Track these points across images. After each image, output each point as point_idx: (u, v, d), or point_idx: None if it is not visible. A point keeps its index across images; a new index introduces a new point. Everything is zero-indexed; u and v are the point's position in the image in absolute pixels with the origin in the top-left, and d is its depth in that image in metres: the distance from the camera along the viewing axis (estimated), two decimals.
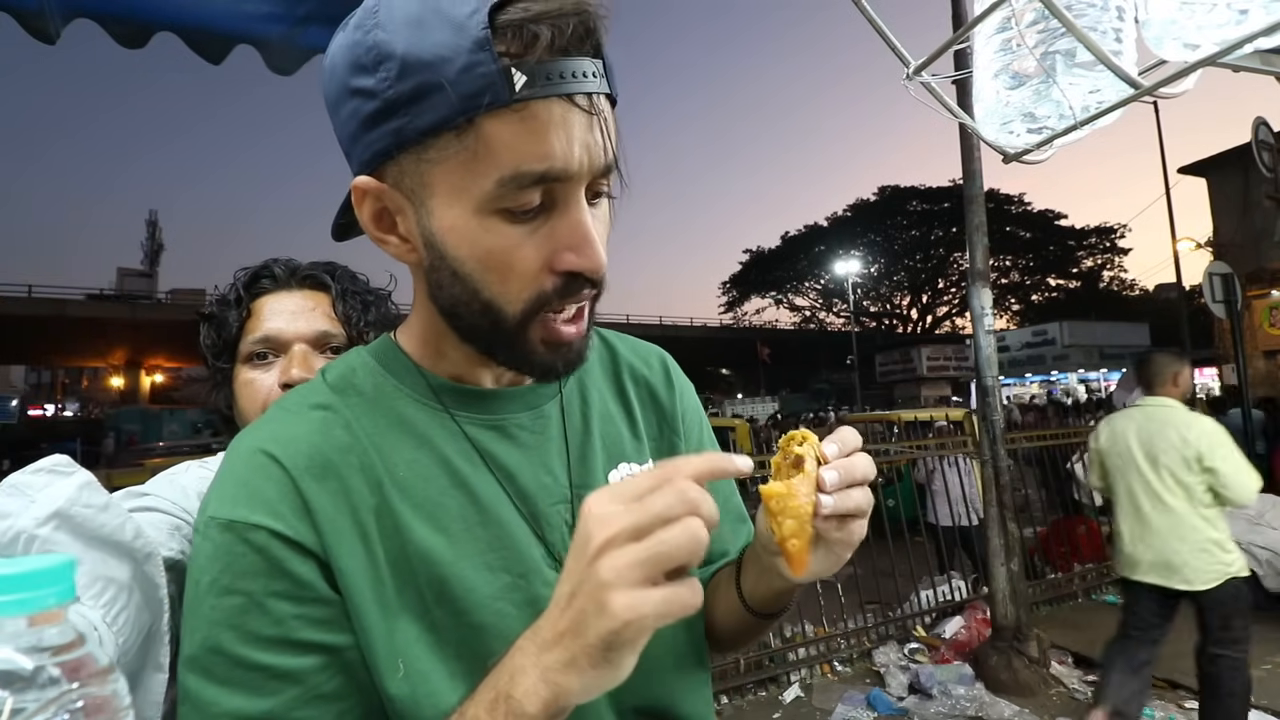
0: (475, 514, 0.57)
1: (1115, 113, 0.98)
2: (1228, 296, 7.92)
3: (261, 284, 0.96)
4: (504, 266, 0.51)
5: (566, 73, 0.47)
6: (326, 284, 0.98)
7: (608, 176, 0.53)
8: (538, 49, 0.46)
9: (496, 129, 0.47)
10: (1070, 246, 38.96)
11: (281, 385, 0.90)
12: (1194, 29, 0.85)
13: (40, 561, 0.34)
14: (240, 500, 0.51)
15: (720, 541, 0.74)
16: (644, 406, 0.72)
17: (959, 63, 1.71)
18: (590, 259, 0.52)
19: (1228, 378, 13.41)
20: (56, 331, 27.37)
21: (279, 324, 0.93)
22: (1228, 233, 14.71)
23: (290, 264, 0.99)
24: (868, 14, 1.11)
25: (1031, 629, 3.95)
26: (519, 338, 0.54)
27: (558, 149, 0.48)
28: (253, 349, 0.93)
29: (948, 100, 1.22)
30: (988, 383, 3.96)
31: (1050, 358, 27.19)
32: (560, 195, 0.51)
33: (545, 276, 0.52)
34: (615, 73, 0.53)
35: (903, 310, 44.18)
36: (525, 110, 0.47)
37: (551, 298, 0.53)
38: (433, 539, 0.54)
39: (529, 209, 0.50)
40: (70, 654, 0.34)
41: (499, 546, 0.56)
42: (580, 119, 0.49)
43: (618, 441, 0.67)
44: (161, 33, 1.56)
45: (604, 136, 0.50)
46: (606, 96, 0.51)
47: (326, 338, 0.95)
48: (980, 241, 3.93)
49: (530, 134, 0.47)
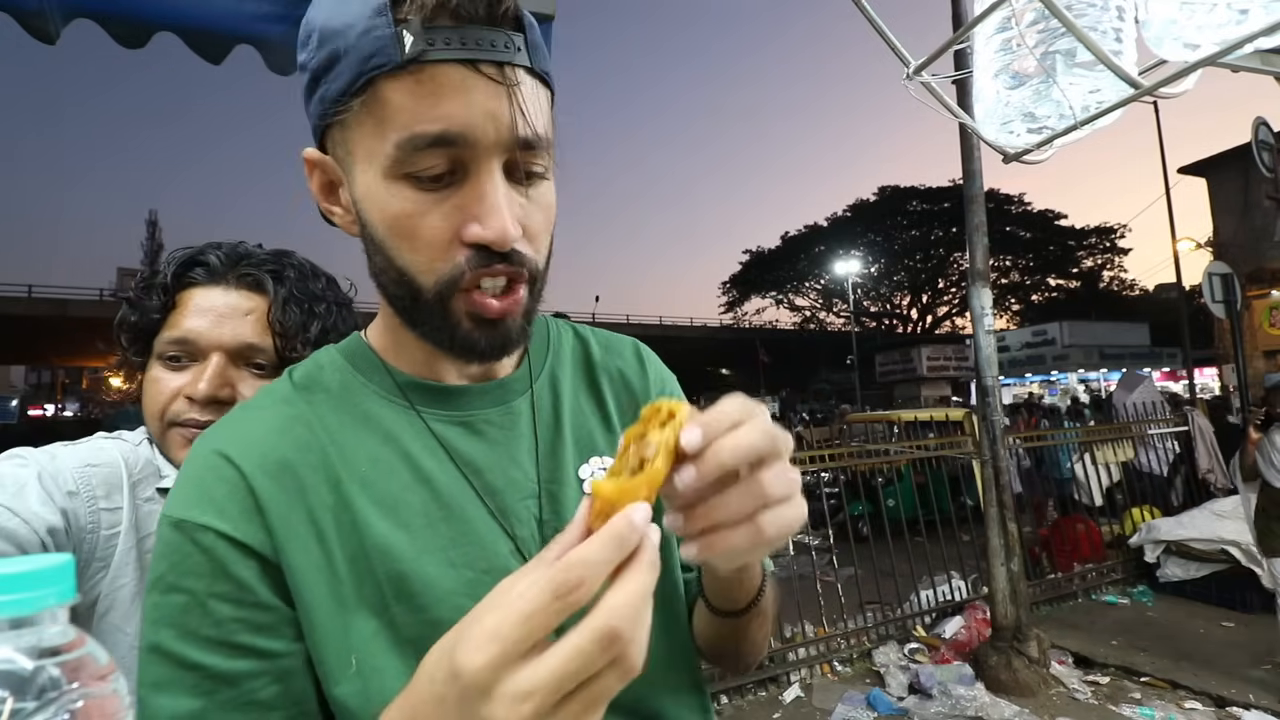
0: (438, 509, 0.56)
1: (1115, 113, 0.98)
2: (1228, 296, 7.92)
3: (194, 273, 0.83)
4: (411, 233, 0.51)
5: (470, 40, 0.47)
6: (267, 288, 0.85)
7: (535, 154, 0.52)
8: (435, 14, 0.47)
9: (392, 91, 0.48)
10: (1070, 246, 38.92)
11: (185, 397, 0.80)
12: (1194, 29, 0.85)
13: (40, 561, 0.34)
14: (191, 500, 0.51)
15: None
16: (618, 397, 0.70)
17: (959, 63, 1.71)
18: (493, 229, 0.50)
19: (1228, 378, 13.41)
20: (56, 331, 27.36)
21: (200, 325, 0.81)
22: (1228, 233, 14.71)
23: (234, 252, 0.86)
24: (868, 14, 1.11)
25: (1031, 629, 3.95)
26: (440, 311, 0.53)
27: (456, 112, 0.48)
28: (166, 348, 0.82)
29: (948, 100, 1.22)
30: (988, 383, 3.96)
31: (1050, 358, 27.17)
32: (469, 164, 0.50)
33: (456, 249, 0.51)
34: (546, 49, 0.53)
35: (903, 310, 44.16)
36: (422, 73, 0.47)
37: (465, 271, 0.51)
38: (393, 535, 0.54)
39: (435, 175, 0.50)
40: (70, 654, 0.34)
41: (463, 542, 0.56)
42: (486, 86, 0.48)
43: (589, 435, 0.66)
44: (161, 33, 1.56)
45: (519, 109, 0.49)
46: (529, 71, 0.51)
47: (251, 351, 0.83)
48: (980, 241, 3.93)
49: (426, 96, 0.48)
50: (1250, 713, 3.44)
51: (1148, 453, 6.50)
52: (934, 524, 5.01)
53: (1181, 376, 18.72)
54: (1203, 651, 4.20)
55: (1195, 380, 12.79)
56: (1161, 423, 6.68)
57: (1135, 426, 6.48)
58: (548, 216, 0.56)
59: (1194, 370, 12.93)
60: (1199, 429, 6.64)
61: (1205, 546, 5.01)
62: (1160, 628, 4.66)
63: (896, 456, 5.90)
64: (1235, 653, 4.15)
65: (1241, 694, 3.61)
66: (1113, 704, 3.66)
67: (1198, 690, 3.71)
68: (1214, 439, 6.77)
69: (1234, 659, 4.06)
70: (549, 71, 0.54)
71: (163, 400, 0.81)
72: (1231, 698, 3.58)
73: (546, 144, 0.53)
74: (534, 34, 0.52)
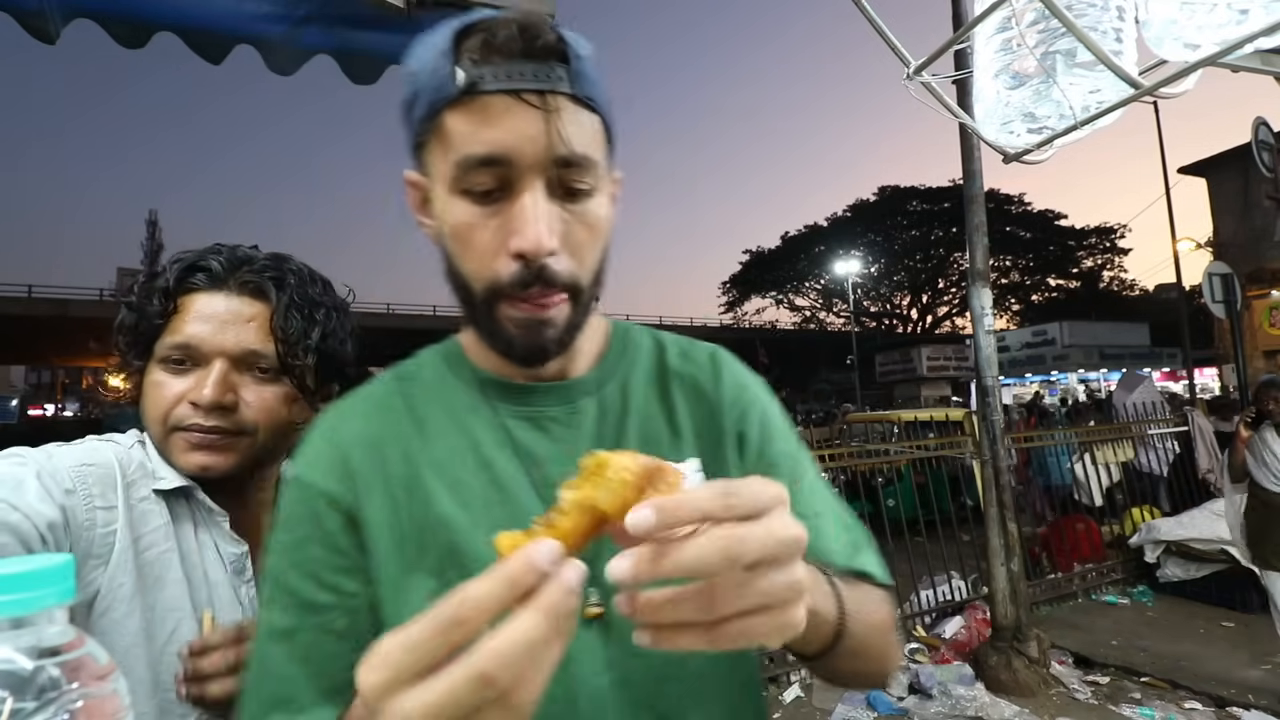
0: (495, 494, 0.63)
1: (1115, 113, 0.98)
2: (1228, 296, 7.92)
3: (195, 278, 0.83)
4: (466, 242, 0.59)
5: (514, 73, 0.55)
6: (269, 294, 0.85)
7: (575, 171, 0.57)
8: (485, 52, 0.55)
9: (451, 119, 0.57)
10: (1070, 246, 38.89)
11: (190, 402, 0.80)
12: (1194, 29, 0.85)
13: (40, 561, 0.34)
14: (303, 462, 0.65)
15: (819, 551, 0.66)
16: (688, 403, 0.71)
17: (959, 63, 1.71)
18: (527, 239, 0.56)
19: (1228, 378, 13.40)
20: (56, 331, 27.35)
21: (203, 331, 0.81)
22: (1228, 233, 14.71)
23: (235, 257, 0.86)
24: (868, 14, 1.11)
25: (1031, 629, 3.95)
26: (488, 313, 0.60)
27: (500, 136, 0.55)
28: (168, 352, 0.82)
29: (948, 100, 1.22)
30: (988, 383, 3.96)
31: (1050, 358, 27.16)
32: (514, 182, 0.57)
33: (502, 259, 0.58)
34: (596, 80, 0.59)
35: (903, 310, 44.14)
36: (474, 104, 0.55)
37: (507, 282, 0.58)
38: (454, 511, 0.62)
39: (485, 190, 0.57)
40: (70, 654, 0.34)
41: (513, 526, 0.57)
42: (527, 112, 0.55)
43: (654, 440, 0.69)
44: (161, 33, 1.56)
45: (556, 130, 0.55)
46: (571, 97, 0.57)
47: (254, 357, 0.83)
48: (980, 241, 3.93)
49: (476, 122, 0.56)
50: (1250, 713, 3.44)
51: (1148, 453, 6.50)
52: (934, 524, 5.00)
53: (1181, 376, 18.72)
54: (1203, 651, 4.20)
55: (1195, 380, 12.79)
56: (1161, 423, 6.68)
57: (1135, 426, 6.48)
58: (593, 231, 0.61)
59: (1194, 370, 12.93)
60: (1199, 429, 6.63)
61: (1205, 546, 5.00)
62: (1160, 628, 4.66)
63: (896, 456, 5.90)
64: (1235, 653, 4.15)
65: (1241, 694, 3.62)
66: (1113, 704, 3.66)
67: (1198, 690, 3.71)
68: (1214, 439, 6.77)
69: (1234, 659, 4.06)
70: (595, 97, 0.59)
71: (166, 405, 0.81)
72: (1231, 698, 3.58)
73: (587, 162, 0.58)
74: (580, 65, 0.58)
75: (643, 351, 0.74)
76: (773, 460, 0.70)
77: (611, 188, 0.66)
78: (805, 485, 0.69)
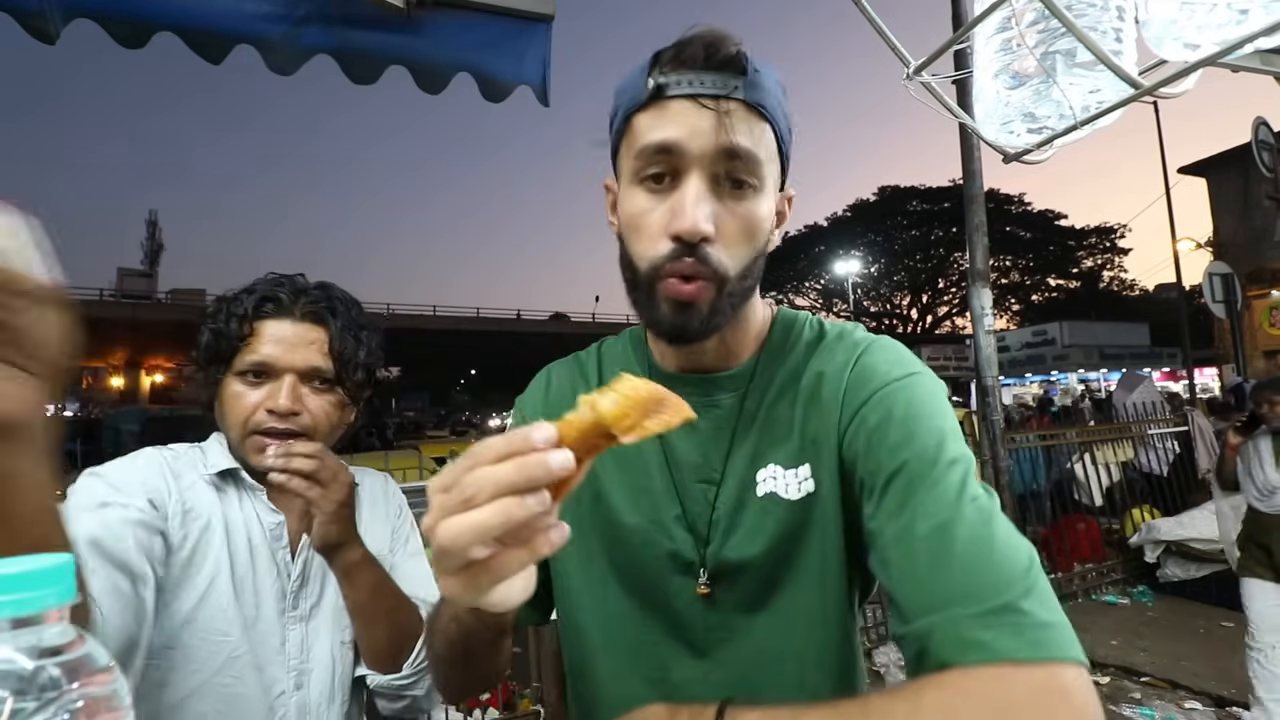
0: (637, 465, 0.75)
1: (1115, 113, 0.98)
2: (1228, 296, 7.92)
3: (267, 308, 1.01)
4: (638, 227, 0.67)
5: (695, 81, 0.63)
6: (327, 321, 1.03)
7: (738, 165, 0.64)
8: (672, 65, 0.64)
9: (640, 121, 0.66)
10: (1070, 246, 38.87)
11: (266, 410, 0.97)
12: (1194, 29, 0.85)
13: (40, 561, 0.34)
14: (525, 397, 0.87)
15: None
16: (811, 406, 0.71)
17: (959, 63, 1.71)
18: (681, 220, 0.63)
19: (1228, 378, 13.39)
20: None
21: (276, 352, 0.99)
22: (1228, 233, 14.72)
23: (296, 289, 1.04)
24: (868, 14, 1.12)
25: None
26: (650, 294, 0.67)
27: (673, 130, 0.63)
28: (248, 367, 0.98)
29: (948, 100, 1.22)
30: (988, 383, 3.96)
31: (1050, 358, 27.16)
32: (681, 171, 0.64)
33: (663, 240, 0.65)
34: (772, 93, 0.66)
35: (903, 310, 44.14)
36: (658, 107, 0.65)
37: (666, 259, 0.64)
38: (608, 469, 0.76)
39: (656, 176, 0.65)
40: (70, 654, 0.34)
41: (644, 495, 0.75)
42: (700, 112, 0.63)
43: (774, 443, 0.72)
44: (161, 33, 1.56)
45: (726, 129, 0.63)
46: (743, 103, 0.64)
47: (317, 372, 1.01)
48: (980, 241, 3.93)
49: (657, 120, 0.65)
50: (1250, 712, 3.44)
51: (1148, 453, 6.50)
52: None
53: (1181, 376, 18.72)
54: (1203, 651, 4.20)
55: (1195, 380, 12.79)
56: (1161, 423, 6.68)
57: (1135, 426, 6.48)
58: (748, 225, 0.66)
59: (1194, 370, 12.93)
60: (1199, 429, 6.63)
61: (1205, 546, 5.00)
62: (1160, 628, 4.66)
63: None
64: (1235, 653, 4.15)
65: (1241, 694, 3.61)
66: (1113, 704, 3.66)
67: (1198, 690, 3.71)
68: (1214, 439, 6.76)
69: (1234, 659, 4.06)
70: (766, 106, 0.66)
71: (246, 412, 0.98)
72: (1231, 698, 3.58)
73: (752, 158, 0.64)
74: (756, 77, 0.65)
75: (797, 350, 0.76)
76: (876, 472, 0.63)
77: (780, 197, 0.73)
78: (913, 507, 0.59)
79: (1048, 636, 0.50)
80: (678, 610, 0.73)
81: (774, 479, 0.71)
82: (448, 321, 34.64)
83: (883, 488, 0.61)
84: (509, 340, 36.09)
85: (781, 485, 0.70)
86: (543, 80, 1.82)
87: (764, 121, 0.66)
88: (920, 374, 0.68)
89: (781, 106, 0.68)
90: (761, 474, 0.71)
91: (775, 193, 0.70)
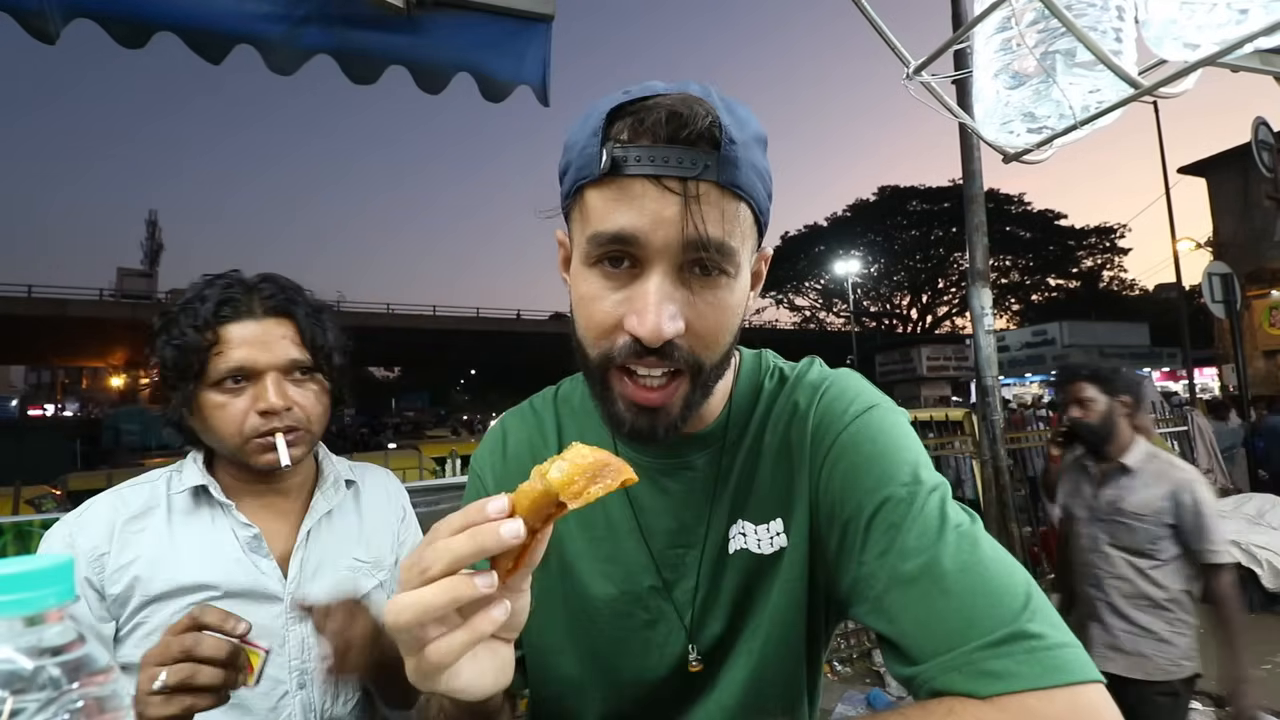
0: (606, 531, 0.71)
1: (1115, 113, 0.98)
2: (1227, 296, 7.92)
3: (225, 311, 0.98)
4: (588, 312, 0.60)
5: (659, 158, 0.55)
6: (291, 312, 1.02)
7: (712, 257, 0.57)
8: (634, 136, 0.56)
9: (593, 197, 0.58)
10: (1070, 246, 38.88)
11: (260, 413, 0.96)
12: (1194, 29, 0.85)
13: (40, 562, 0.34)
14: (480, 455, 0.82)
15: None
16: (780, 462, 0.70)
17: (959, 63, 1.71)
18: (643, 325, 0.56)
19: (1227, 378, 13.40)
20: (56, 331, 27.36)
21: (251, 353, 0.97)
22: (1228, 233, 14.71)
23: (247, 287, 1.01)
24: (868, 14, 1.11)
25: None
26: (601, 381, 0.62)
27: (632, 219, 0.55)
28: (225, 374, 0.96)
29: (948, 100, 1.22)
30: (988, 383, 3.96)
31: (1050, 358, 27.14)
32: (643, 263, 0.57)
33: (617, 333, 0.59)
34: (750, 165, 0.58)
35: (903, 310, 44.14)
36: (615, 184, 0.56)
37: (617, 354, 0.59)
38: (573, 535, 0.72)
39: (613, 267, 0.58)
40: (70, 654, 0.34)
41: (615, 562, 0.71)
42: (663, 196, 0.55)
43: (746, 499, 0.70)
44: (161, 33, 1.56)
45: (696, 218, 0.55)
46: (716, 184, 0.56)
47: (296, 364, 1.01)
48: (980, 241, 3.93)
49: (612, 202, 0.56)
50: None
51: None
52: None
53: (1181, 376, 18.72)
54: (1203, 651, 4.20)
55: (1195, 380, 12.79)
56: (1161, 422, 6.68)
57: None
58: (721, 316, 0.60)
59: (1194, 370, 12.93)
60: (1199, 429, 6.64)
61: None
62: None
63: None
64: None
65: None
66: None
67: (1198, 690, 3.71)
68: (1214, 439, 6.77)
69: None
70: (742, 185, 0.57)
71: (238, 420, 0.96)
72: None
73: (725, 249, 0.57)
74: (733, 151, 0.56)
75: (761, 402, 0.72)
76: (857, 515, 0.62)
77: (755, 258, 0.65)
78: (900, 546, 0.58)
79: (1065, 659, 0.50)
80: (655, 680, 0.71)
81: (743, 535, 0.69)
82: (448, 321, 34.65)
83: (865, 530, 0.60)
84: (509, 340, 36.09)
85: (753, 541, 0.68)
86: (543, 80, 1.82)
87: (740, 201, 0.58)
88: (878, 406, 0.68)
89: (761, 174, 0.60)
90: (733, 530, 0.69)
91: (749, 269, 0.63)
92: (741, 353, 0.77)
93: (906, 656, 0.56)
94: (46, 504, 4.40)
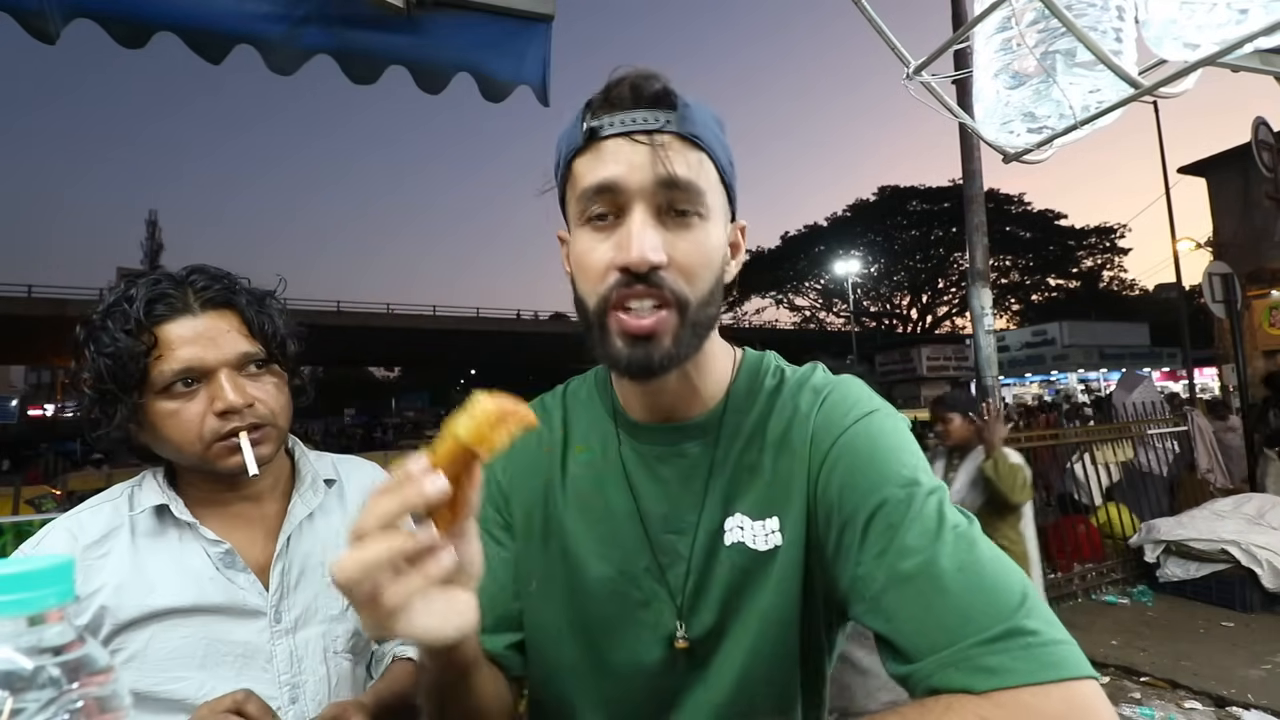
0: (604, 515, 0.74)
1: (1115, 112, 0.98)
2: (1227, 296, 7.92)
3: (160, 310, 0.90)
4: (586, 267, 0.66)
5: (626, 120, 0.64)
6: (233, 303, 0.94)
7: (679, 194, 0.64)
8: (603, 108, 0.65)
9: (579, 165, 0.67)
10: (1070, 246, 38.87)
11: (218, 414, 0.89)
12: (1194, 29, 0.85)
13: (40, 562, 0.34)
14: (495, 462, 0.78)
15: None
16: (779, 456, 0.71)
17: (959, 63, 1.71)
18: (628, 252, 0.62)
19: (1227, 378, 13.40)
20: (56, 331, 27.30)
21: (197, 352, 0.89)
22: (1228, 233, 14.70)
23: (177, 282, 0.93)
24: (868, 14, 1.11)
25: None
26: (602, 330, 0.66)
27: (610, 170, 0.64)
28: (173, 378, 0.88)
29: (948, 100, 1.22)
30: (988, 383, 3.96)
31: (1050, 358, 27.17)
32: (624, 207, 0.64)
33: (610, 273, 0.64)
34: (705, 124, 0.67)
35: (903, 310, 44.13)
36: (594, 148, 0.66)
37: (614, 290, 0.64)
38: (574, 519, 0.76)
39: (600, 215, 0.65)
40: (70, 654, 0.34)
41: (612, 544, 0.74)
42: (635, 148, 0.64)
43: (742, 492, 0.71)
44: (161, 33, 1.56)
45: (662, 160, 0.63)
46: (676, 135, 0.64)
47: (248, 357, 0.93)
48: (980, 241, 3.93)
49: (595, 161, 0.65)
50: (1250, 713, 3.44)
51: (1147, 453, 6.50)
52: None
53: (1181, 376, 18.72)
54: (1203, 651, 4.20)
55: (1195, 380, 12.79)
56: (1161, 423, 6.68)
57: (1135, 426, 6.47)
58: (699, 252, 0.65)
59: (1194, 370, 12.93)
60: (1199, 429, 6.63)
61: (1205, 546, 5.00)
62: (1160, 628, 4.66)
63: None
64: (1235, 652, 4.15)
65: (1241, 694, 3.62)
66: (1113, 704, 3.66)
67: (1198, 690, 3.71)
68: (1214, 439, 6.76)
69: (1234, 659, 4.06)
70: (700, 136, 0.66)
71: (195, 426, 0.89)
72: (1231, 698, 3.58)
73: (693, 187, 0.64)
74: (686, 110, 0.65)
75: (761, 399, 0.74)
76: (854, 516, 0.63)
77: (731, 227, 0.72)
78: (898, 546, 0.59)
79: (1060, 655, 0.51)
80: (646, 664, 0.72)
81: (741, 529, 0.70)
82: (448, 322, 34.61)
83: (863, 530, 0.61)
84: (509, 340, 36.07)
85: (749, 536, 0.69)
86: (543, 80, 1.82)
87: (700, 151, 0.66)
88: (879, 411, 0.70)
89: (718, 138, 0.68)
90: (729, 523, 0.70)
91: (725, 223, 0.70)
92: (745, 351, 0.80)
93: (903, 654, 0.56)
94: (46, 504, 4.40)
